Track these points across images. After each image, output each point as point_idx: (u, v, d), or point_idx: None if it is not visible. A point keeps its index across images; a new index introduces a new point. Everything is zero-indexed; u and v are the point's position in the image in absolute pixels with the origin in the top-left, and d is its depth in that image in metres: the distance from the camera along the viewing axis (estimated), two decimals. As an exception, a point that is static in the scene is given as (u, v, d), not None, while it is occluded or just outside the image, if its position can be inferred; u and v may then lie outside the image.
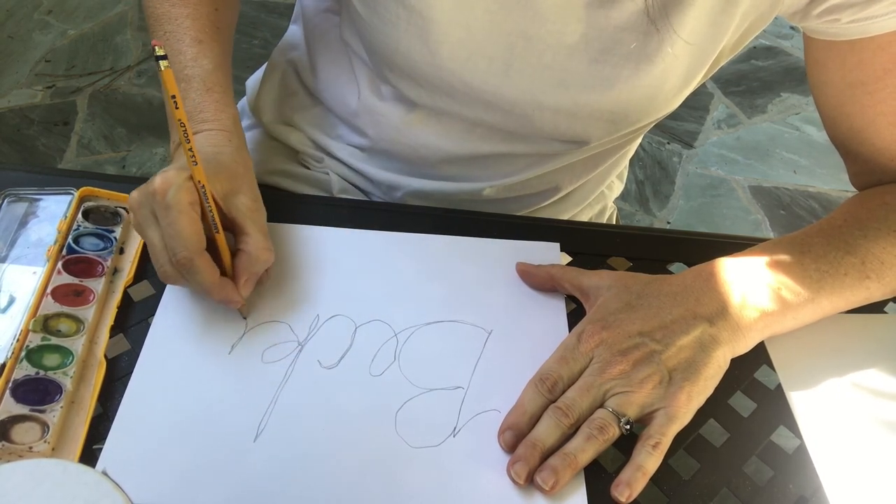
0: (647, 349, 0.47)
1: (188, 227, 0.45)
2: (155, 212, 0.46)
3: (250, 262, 0.49)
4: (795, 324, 0.51)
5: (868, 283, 0.51)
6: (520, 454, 0.44)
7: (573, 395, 0.46)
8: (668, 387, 0.46)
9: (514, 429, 0.46)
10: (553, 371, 0.47)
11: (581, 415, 0.45)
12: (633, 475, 0.43)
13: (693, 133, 1.91)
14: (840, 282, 0.50)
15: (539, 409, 0.46)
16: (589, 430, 0.44)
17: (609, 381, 0.46)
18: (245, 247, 0.49)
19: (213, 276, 0.47)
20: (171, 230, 0.45)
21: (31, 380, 0.46)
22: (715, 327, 0.48)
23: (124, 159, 1.75)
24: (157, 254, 0.47)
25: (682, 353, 0.47)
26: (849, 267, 0.51)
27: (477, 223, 0.60)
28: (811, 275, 0.50)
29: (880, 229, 0.52)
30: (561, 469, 0.43)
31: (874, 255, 0.51)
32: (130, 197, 0.48)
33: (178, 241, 0.45)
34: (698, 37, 0.53)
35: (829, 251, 0.51)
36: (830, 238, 0.52)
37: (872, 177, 0.59)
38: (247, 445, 0.45)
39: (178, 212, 0.45)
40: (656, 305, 0.49)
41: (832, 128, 0.58)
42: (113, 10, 2.15)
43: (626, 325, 0.48)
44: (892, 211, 0.54)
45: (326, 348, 0.51)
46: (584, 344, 0.48)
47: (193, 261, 0.46)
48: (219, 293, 0.48)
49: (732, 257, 0.52)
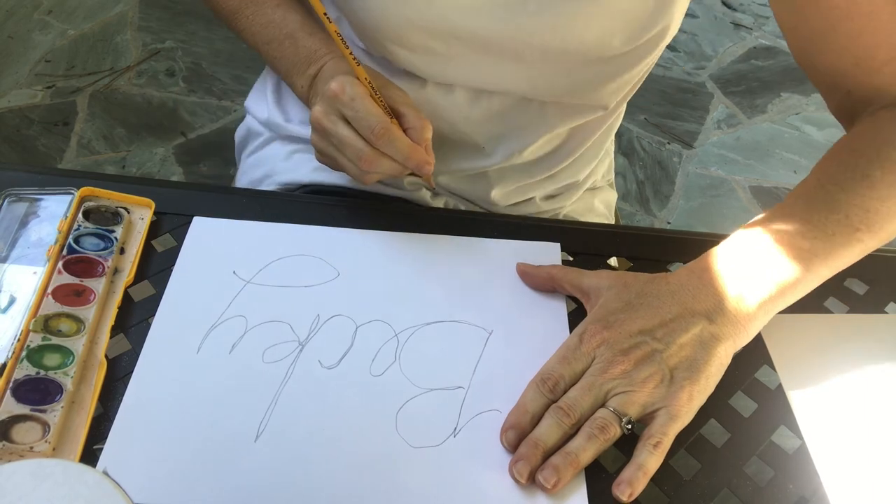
0: (648, 348, 0.47)
1: (375, 108, 0.52)
2: (340, 109, 0.53)
3: (420, 132, 0.55)
4: (798, 297, 0.51)
5: (859, 234, 0.50)
6: (522, 453, 0.45)
7: (575, 394, 0.46)
8: (670, 386, 0.46)
9: (516, 428, 0.46)
10: (555, 371, 0.47)
11: (583, 414, 0.45)
12: (634, 474, 0.43)
13: (693, 133, 1.91)
14: (830, 243, 0.50)
15: (541, 409, 0.46)
16: (590, 429, 0.45)
17: (611, 380, 0.46)
18: (409, 124, 0.55)
19: (407, 141, 0.53)
20: (363, 112, 0.52)
21: (32, 380, 0.46)
22: (715, 324, 0.48)
23: (124, 159, 1.75)
24: (351, 145, 0.53)
25: (683, 352, 0.47)
26: (835, 226, 0.50)
27: (478, 223, 0.60)
28: (800, 245, 0.50)
29: (854, 178, 0.51)
30: (563, 468, 0.43)
31: (856, 206, 0.50)
32: (313, 114, 0.54)
33: (372, 118, 0.52)
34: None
35: (811, 216, 0.50)
36: (809, 202, 0.52)
37: (840, 92, 0.58)
38: (248, 446, 0.45)
39: (362, 97, 0.52)
40: (656, 304, 0.49)
41: (793, 38, 0.57)
42: (113, 10, 2.15)
43: (628, 324, 0.48)
44: (860, 156, 0.52)
45: (327, 348, 0.51)
46: (585, 344, 0.48)
47: (390, 129, 0.52)
48: (416, 156, 0.53)
49: (722, 247, 0.51)
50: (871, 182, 0.51)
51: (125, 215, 0.57)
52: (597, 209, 0.80)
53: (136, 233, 0.56)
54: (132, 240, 0.56)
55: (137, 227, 0.57)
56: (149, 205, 0.58)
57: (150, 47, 2.04)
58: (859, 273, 0.58)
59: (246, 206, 0.60)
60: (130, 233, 0.56)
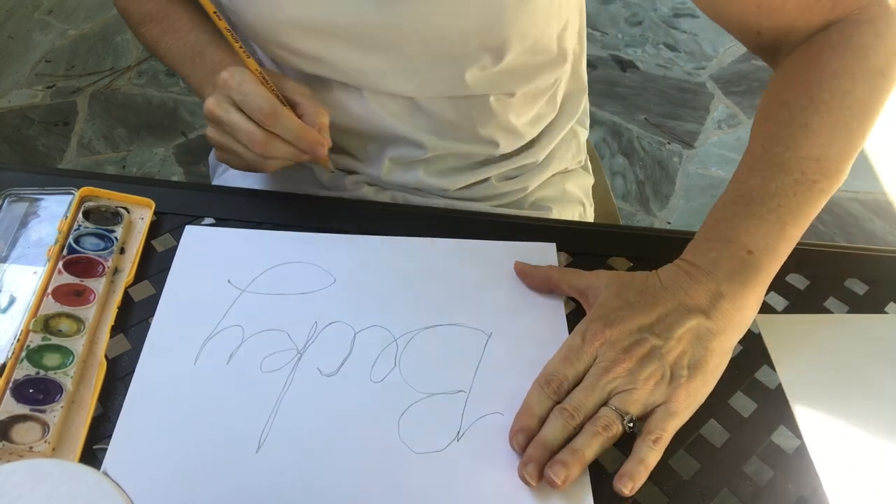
0: (648, 345, 0.47)
1: (263, 90, 0.53)
2: (230, 96, 0.53)
3: (314, 116, 0.56)
4: (779, 266, 0.51)
5: (819, 185, 0.50)
6: (531, 455, 0.45)
7: (579, 395, 0.46)
8: (670, 383, 0.46)
9: (525, 431, 0.46)
10: (558, 372, 0.47)
11: (587, 414, 0.46)
12: (635, 468, 0.44)
13: (693, 133, 1.91)
14: (796, 205, 0.50)
15: (546, 410, 0.47)
16: (594, 427, 0.45)
17: (614, 379, 0.46)
18: (304, 111, 0.56)
19: (298, 121, 0.54)
20: (251, 97, 0.52)
21: (32, 380, 0.46)
22: (711, 319, 0.48)
23: (124, 159, 1.75)
24: (242, 129, 0.53)
25: (681, 346, 0.47)
26: (795, 186, 0.50)
27: (474, 224, 0.60)
28: (768, 218, 0.50)
29: (794, 133, 0.51)
30: (571, 463, 0.44)
31: (806, 159, 0.50)
32: (206, 105, 0.55)
33: (260, 101, 0.52)
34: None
35: (768, 184, 0.50)
36: (761, 171, 0.51)
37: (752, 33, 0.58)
38: (249, 457, 0.45)
39: (250, 81, 0.53)
40: (652, 301, 0.49)
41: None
42: (113, 10, 2.14)
43: (628, 321, 0.48)
44: (793, 107, 0.52)
45: (326, 355, 0.50)
46: (588, 344, 0.48)
47: (277, 110, 0.53)
48: (306, 137, 0.54)
49: (699, 240, 0.52)
50: (812, 130, 0.51)
51: (125, 215, 0.57)
52: (571, 194, 0.78)
53: (136, 233, 0.56)
54: (132, 240, 0.56)
55: (137, 227, 0.57)
56: (149, 205, 0.58)
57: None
58: (859, 273, 0.58)
59: (246, 206, 0.60)
60: (130, 233, 0.56)
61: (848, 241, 1.67)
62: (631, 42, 2.17)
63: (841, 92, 0.51)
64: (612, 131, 1.89)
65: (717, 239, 0.51)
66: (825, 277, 0.58)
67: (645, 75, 2.06)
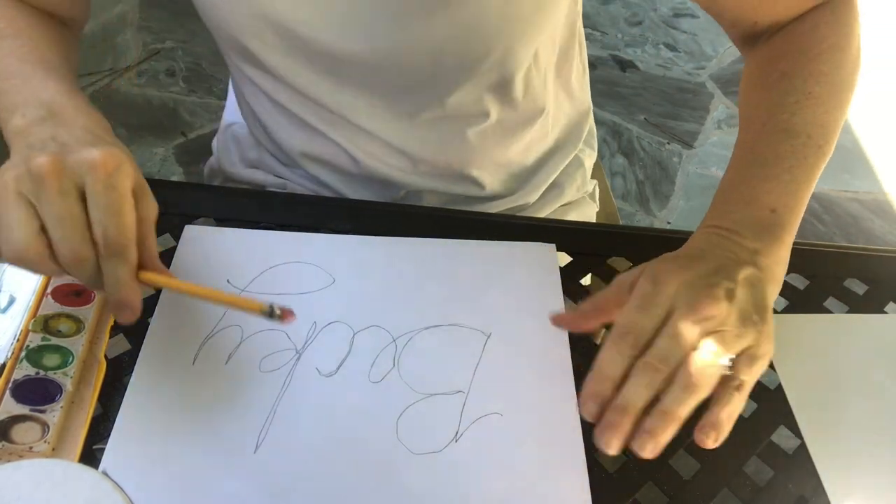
0: (724, 286, 0.42)
1: (130, 214, 0.41)
2: (86, 185, 0.40)
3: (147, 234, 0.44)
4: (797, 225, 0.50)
5: (823, 149, 0.51)
6: (611, 422, 0.39)
7: (664, 343, 0.40)
8: (750, 326, 0.42)
9: (597, 397, 0.40)
10: (635, 323, 0.41)
11: (675, 365, 0.40)
12: (719, 417, 0.40)
13: (693, 133, 1.91)
14: (808, 167, 0.51)
15: (623, 371, 0.40)
16: (687, 379, 0.39)
17: (704, 320, 0.40)
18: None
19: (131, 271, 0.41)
20: (112, 210, 0.40)
21: (32, 380, 0.46)
22: (759, 269, 0.45)
23: (124, 159, 1.75)
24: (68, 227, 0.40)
25: (747, 290, 0.43)
26: (804, 149, 0.51)
27: (473, 224, 0.60)
28: (784, 178, 0.50)
29: (798, 101, 0.52)
30: (660, 432, 0.39)
31: (812, 124, 0.51)
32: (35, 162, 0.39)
33: (118, 221, 0.40)
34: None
35: (778, 147, 0.51)
36: (769, 136, 0.52)
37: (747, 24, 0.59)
38: (248, 457, 0.45)
39: (121, 195, 0.40)
40: (700, 257, 0.45)
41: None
42: (113, 10, 2.15)
43: (696, 265, 0.43)
44: (795, 77, 0.53)
45: (325, 356, 0.50)
46: (663, 286, 0.42)
47: (128, 247, 0.41)
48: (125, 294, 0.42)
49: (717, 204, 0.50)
50: (817, 98, 0.52)
51: (125, 215, 0.56)
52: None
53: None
54: (132, 240, 0.56)
55: (137, 227, 0.57)
56: (148, 205, 0.58)
57: (151, 47, 2.04)
58: (859, 273, 0.58)
59: (246, 206, 0.60)
60: (130, 233, 0.56)
61: (848, 241, 1.67)
62: (631, 42, 2.17)
63: (836, 65, 0.54)
64: (611, 131, 1.89)
65: (737, 201, 0.49)
66: (825, 277, 0.58)
67: (645, 75, 2.06)
